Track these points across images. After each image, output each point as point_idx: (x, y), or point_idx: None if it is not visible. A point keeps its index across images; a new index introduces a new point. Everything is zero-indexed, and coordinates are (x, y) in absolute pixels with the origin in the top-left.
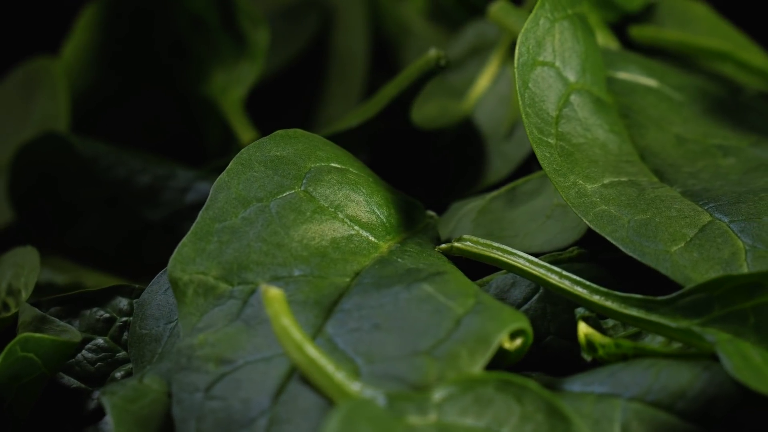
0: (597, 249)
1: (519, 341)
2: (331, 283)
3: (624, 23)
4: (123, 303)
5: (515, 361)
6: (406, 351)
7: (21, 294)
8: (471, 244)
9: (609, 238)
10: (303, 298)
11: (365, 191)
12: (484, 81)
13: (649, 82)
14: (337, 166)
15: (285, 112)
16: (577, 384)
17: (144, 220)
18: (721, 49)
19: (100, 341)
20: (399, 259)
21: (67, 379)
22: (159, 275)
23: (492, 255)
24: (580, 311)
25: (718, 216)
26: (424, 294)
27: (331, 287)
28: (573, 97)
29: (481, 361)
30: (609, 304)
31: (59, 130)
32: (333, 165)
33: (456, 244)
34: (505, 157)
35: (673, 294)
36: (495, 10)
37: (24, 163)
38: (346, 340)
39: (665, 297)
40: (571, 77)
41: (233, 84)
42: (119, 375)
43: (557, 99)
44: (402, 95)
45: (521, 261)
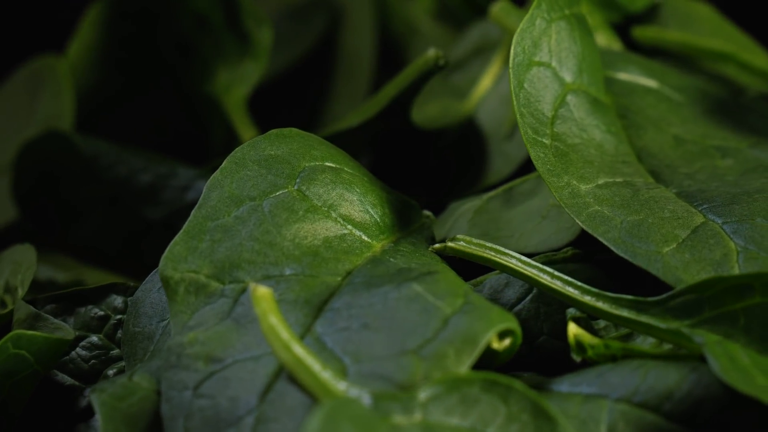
0: (592, 249)
1: (508, 341)
2: (322, 283)
3: (627, 24)
4: (118, 301)
5: (505, 361)
6: (393, 350)
7: (18, 291)
8: (464, 243)
9: (601, 238)
10: (293, 297)
11: (359, 190)
12: (486, 81)
13: (649, 82)
14: (332, 165)
15: (291, 111)
16: (565, 384)
17: (145, 218)
18: (724, 51)
19: (94, 339)
20: (391, 259)
21: (61, 377)
22: (153, 273)
23: (485, 255)
24: (571, 312)
25: (711, 217)
26: (413, 293)
27: (322, 286)
28: (569, 98)
29: (468, 361)
30: (600, 304)
31: (63, 128)
32: (328, 164)
33: (449, 243)
34: (507, 157)
35: (664, 295)
36: (496, 10)
37: (27, 162)
38: (334, 339)
39: (656, 298)
40: (568, 77)
41: (237, 83)
42: (112, 373)
43: (553, 99)
44: (402, 95)
45: (513, 261)
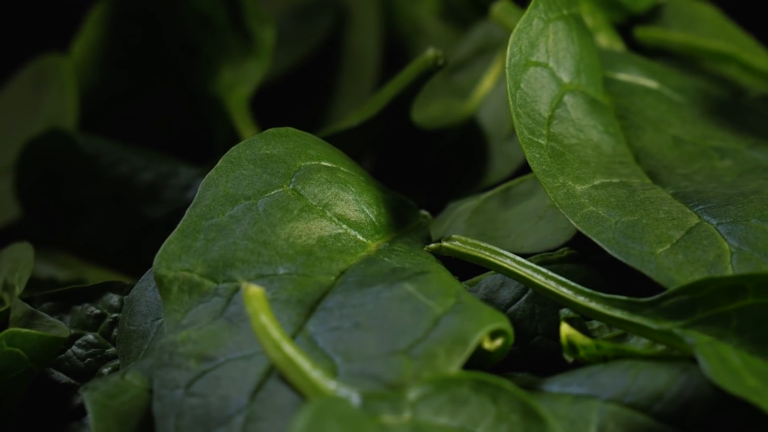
0: (589, 250)
1: (499, 341)
2: (316, 282)
3: (630, 24)
4: (114, 299)
5: (497, 362)
6: (384, 350)
7: (15, 289)
8: (459, 243)
9: (595, 239)
10: (286, 296)
11: (355, 190)
12: (488, 81)
13: (649, 83)
14: (328, 164)
15: (297, 111)
16: (556, 385)
17: (146, 217)
18: (726, 51)
19: (90, 337)
20: (386, 259)
21: (57, 375)
22: (148, 272)
23: (479, 255)
24: (564, 312)
25: (706, 218)
26: (405, 293)
27: (315, 286)
28: (567, 98)
29: (458, 361)
30: (593, 305)
31: (67, 127)
32: (323, 164)
33: (445, 243)
34: (507, 157)
35: (657, 296)
36: (497, 10)
37: (29, 160)
38: (326, 338)
39: (648, 299)
40: (565, 78)
41: (240, 82)
42: (106, 371)
43: (550, 99)
44: (401, 95)
45: (508, 261)
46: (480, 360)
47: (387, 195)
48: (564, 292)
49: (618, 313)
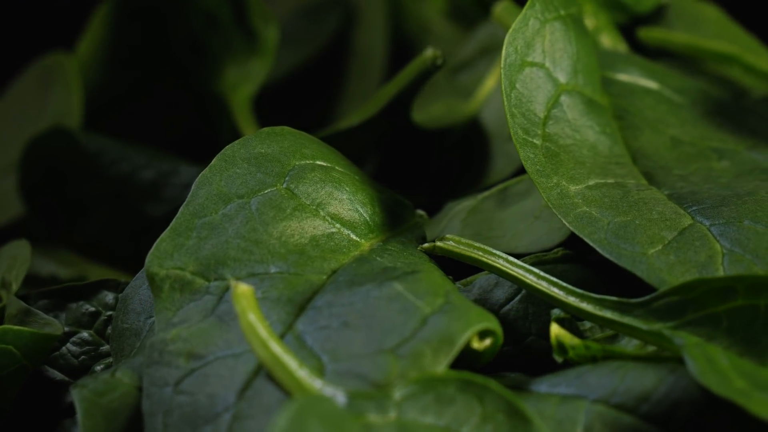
0: (585, 250)
1: (488, 341)
2: (307, 281)
3: (634, 25)
4: (109, 297)
5: (487, 362)
6: (371, 349)
7: (12, 286)
8: (453, 243)
9: (587, 239)
10: (277, 295)
11: (349, 189)
12: (491, 81)
13: (650, 84)
14: (323, 164)
15: (304, 109)
16: (544, 385)
17: (147, 216)
18: (728, 52)
19: (84, 335)
20: (378, 258)
21: (51, 372)
22: (143, 270)
23: (472, 255)
24: (555, 313)
25: (699, 219)
26: (393, 293)
27: (306, 285)
28: (563, 98)
29: (445, 361)
30: (584, 305)
31: (72, 125)
32: (318, 163)
33: (438, 243)
34: (508, 157)
35: (647, 297)
36: (499, 10)
37: (33, 158)
38: (314, 337)
39: (639, 300)
40: (562, 78)
41: (244, 81)
42: (99, 368)
43: (546, 100)
44: (401, 94)
45: (500, 261)
46: (470, 360)
47: (382, 194)
48: (555, 292)
49: (608, 314)
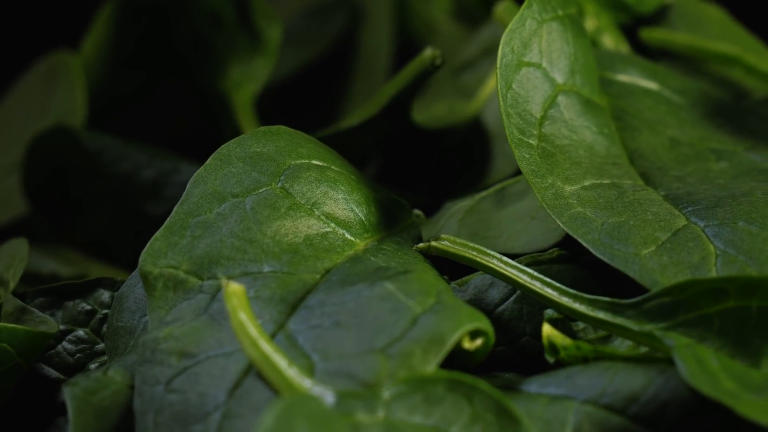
0: (580, 251)
1: (480, 341)
2: (300, 280)
3: (636, 25)
4: (105, 296)
5: (479, 362)
6: (361, 349)
7: (9, 284)
8: (448, 243)
9: (581, 240)
10: (269, 294)
11: (344, 189)
12: (493, 81)
13: (649, 84)
14: (318, 163)
15: (309, 109)
16: (535, 385)
17: (147, 214)
18: (730, 53)
19: (80, 333)
20: (372, 258)
21: (47, 370)
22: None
23: (467, 255)
24: (548, 313)
25: (694, 220)
26: (385, 292)
27: (299, 284)
28: (560, 99)
29: (435, 361)
30: (576, 306)
31: (76, 123)
32: (314, 162)
33: (433, 243)
34: (509, 157)
35: (639, 297)
36: (500, 10)
37: (35, 156)
38: (306, 336)
39: (631, 300)
40: (559, 78)
41: (247, 80)
42: (94, 366)
43: (543, 100)
44: (401, 94)
45: (494, 262)
46: (463, 360)
47: (379, 194)
48: (548, 292)
49: (601, 315)
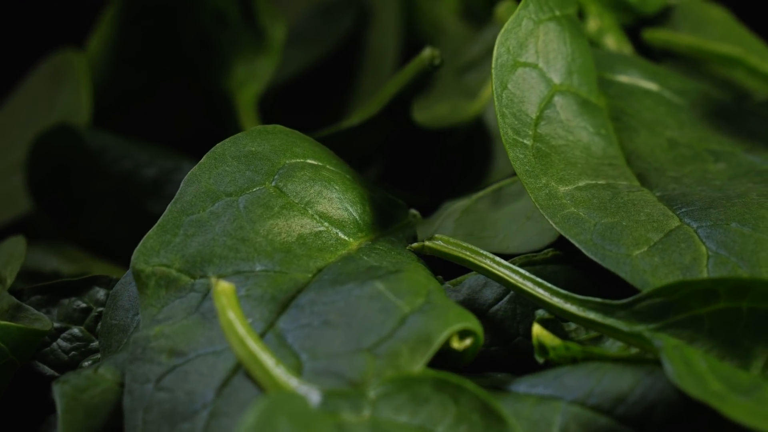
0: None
1: (469, 341)
2: (291, 279)
3: (640, 26)
4: (100, 293)
5: (469, 361)
6: (349, 348)
7: (7, 282)
8: (442, 243)
9: (573, 240)
10: (260, 293)
11: (339, 188)
12: None
13: (649, 85)
14: (313, 162)
15: (315, 108)
16: (523, 385)
17: (149, 213)
18: (732, 54)
19: (75, 330)
20: (365, 257)
21: (41, 367)
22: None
23: (460, 255)
24: (539, 313)
25: (687, 221)
26: (375, 291)
27: (291, 283)
28: (556, 99)
29: (422, 360)
30: (567, 306)
31: (80, 122)
32: (309, 161)
33: (427, 243)
34: None
35: (630, 298)
36: (501, 10)
37: (39, 155)
38: (295, 335)
39: (622, 301)
40: (556, 79)
41: (251, 79)
42: (87, 364)
43: (539, 100)
44: (401, 94)
45: (487, 262)
46: (452, 360)
47: (374, 194)
48: (540, 293)
49: (591, 315)
